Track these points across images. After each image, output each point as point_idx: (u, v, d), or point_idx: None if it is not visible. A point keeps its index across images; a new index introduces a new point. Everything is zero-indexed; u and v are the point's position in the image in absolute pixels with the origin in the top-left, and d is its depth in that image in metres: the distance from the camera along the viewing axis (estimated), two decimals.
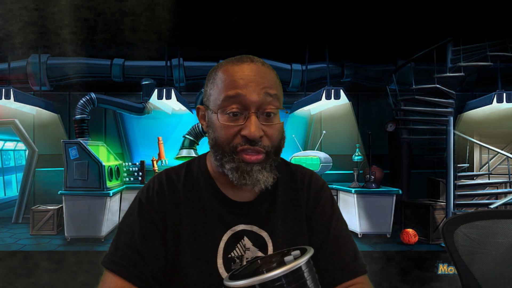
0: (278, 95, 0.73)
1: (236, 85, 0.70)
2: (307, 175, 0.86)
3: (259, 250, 0.76)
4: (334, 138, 6.31)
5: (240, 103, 0.69)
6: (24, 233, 4.97)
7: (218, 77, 0.73)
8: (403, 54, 5.50)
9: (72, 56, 5.50)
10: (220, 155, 0.73)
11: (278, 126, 0.73)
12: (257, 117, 0.69)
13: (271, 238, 0.77)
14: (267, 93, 0.70)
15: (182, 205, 0.76)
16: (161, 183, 0.78)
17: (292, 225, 0.79)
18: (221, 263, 0.74)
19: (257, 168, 0.70)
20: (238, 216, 0.77)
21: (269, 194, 0.80)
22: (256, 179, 0.70)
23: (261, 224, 0.77)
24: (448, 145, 4.58)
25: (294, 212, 0.81)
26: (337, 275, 0.75)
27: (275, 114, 0.72)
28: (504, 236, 0.98)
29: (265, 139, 0.71)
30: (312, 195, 0.83)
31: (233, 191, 0.78)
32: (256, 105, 0.69)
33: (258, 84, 0.70)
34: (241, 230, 0.76)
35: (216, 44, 5.41)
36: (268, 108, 0.70)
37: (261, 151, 0.70)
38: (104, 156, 5.33)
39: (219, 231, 0.75)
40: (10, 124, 5.83)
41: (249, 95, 0.69)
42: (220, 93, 0.71)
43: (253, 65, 0.72)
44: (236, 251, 0.75)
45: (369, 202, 4.70)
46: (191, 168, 0.82)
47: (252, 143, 0.69)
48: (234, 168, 0.71)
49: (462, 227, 1.00)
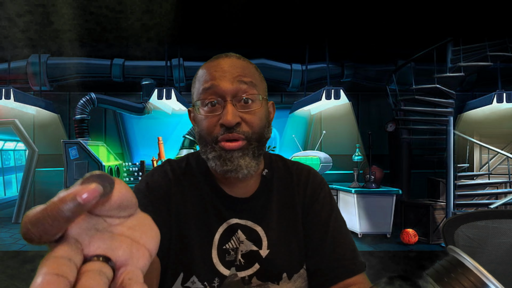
0: (254, 82, 0.75)
1: (211, 77, 0.73)
2: (304, 172, 0.86)
3: (254, 244, 0.77)
4: (334, 138, 6.31)
5: (215, 93, 0.72)
6: None
7: (198, 75, 0.77)
8: (403, 54, 5.50)
9: (72, 56, 5.50)
10: (203, 147, 0.75)
11: (258, 112, 0.74)
12: (233, 105, 0.72)
13: (265, 232, 0.78)
14: (241, 81, 0.72)
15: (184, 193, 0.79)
16: (166, 171, 0.81)
17: (286, 222, 0.80)
18: (215, 254, 0.75)
19: (238, 155, 0.72)
20: (233, 210, 0.78)
21: (265, 191, 0.81)
22: (238, 164, 0.71)
23: (255, 219, 0.78)
24: (448, 145, 4.58)
25: (289, 209, 0.81)
26: (336, 273, 0.75)
27: (253, 101, 0.73)
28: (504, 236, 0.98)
29: (244, 125, 0.72)
30: (309, 192, 0.83)
31: (230, 187, 0.79)
32: (231, 93, 0.72)
33: (231, 74, 0.73)
34: (236, 223, 0.77)
35: (216, 44, 5.42)
36: (244, 94, 0.72)
37: (240, 138, 0.72)
38: (104, 156, 5.33)
39: (215, 223, 0.77)
40: (10, 124, 5.83)
41: (222, 84, 0.71)
42: (198, 88, 0.75)
43: (227, 59, 0.75)
44: (231, 243, 0.76)
45: (369, 202, 4.71)
46: (191, 161, 0.84)
47: (230, 130, 0.71)
48: (216, 157, 0.72)
49: (462, 227, 1.00)
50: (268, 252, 0.77)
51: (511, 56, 4.50)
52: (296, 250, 0.78)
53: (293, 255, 0.78)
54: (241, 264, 0.76)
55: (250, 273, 0.76)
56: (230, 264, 0.75)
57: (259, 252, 0.77)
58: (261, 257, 0.76)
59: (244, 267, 0.76)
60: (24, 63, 5.78)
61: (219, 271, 0.74)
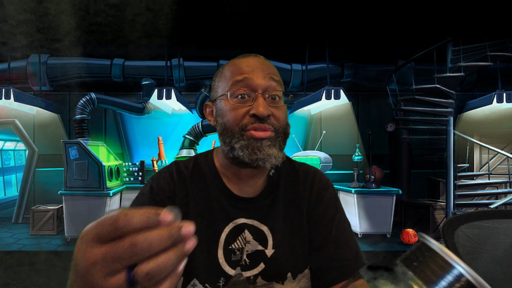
0: (281, 82, 0.79)
1: (243, 71, 0.76)
2: (311, 173, 0.87)
3: (260, 243, 0.77)
4: (334, 138, 6.31)
5: (247, 86, 0.74)
6: (24, 233, 4.97)
7: (225, 70, 0.79)
8: (403, 54, 5.50)
9: (72, 56, 5.50)
10: (229, 138, 0.75)
11: (283, 108, 0.78)
12: (264, 98, 0.74)
13: (271, 232, 0.79)
14: (272, 78, 0.76)
15: (189, 195, 0.79)
16: (171, 173, 0.81)
17: (292, 222, 0.81)
18: (221, 254, 0.76)
19: (267, 144, 0.73)
20: (240, 210, 0.79)
21: (272, 191, 0.82)
22: (267, 153, 0.73)
23: (262, 219, 0.79)
24: (448, 145, 4.58)
25: (295, 209, 0.82)
26: (338, 273, 0.75)
27: (280, 98, 0.77)
28: (504, 236, 0.98)
29: (273, 119, 0.75)
30: (315, 193, 0.84)
31: (237, 186, 0.80)
32: (263, 88, 0.75)
33: (263, 70, 0.76)
34: (243, 223, 0.78)
35: (216, 44, 5.41)
36: (274, 91, 0.76)
37: (269, 128, 0.74)
38: (104, 156, 5.33)
39: (221, 223, 0.77)
40: (10, 124, 5.83)
41: (255, 78, 0.75)
42: (228, 80, 0.77)
43: (257, 58, 0.79)
44: (237, 243, 0.77)
45: (369, 202, 4.70)
46: (199, 162, 0.85)
47: (262, 120, 0.73)
48: (244, 146, 0.73)
49: (462, 227, 1.00)
50: (274, 252, 0.77)
51: (511, 56, 4.50)
52: (300, 250, 0.79)
53: (298, 255, 0.78)
54: (246, 264, 0.76)
55: (255, 272, 0.76)
56: (235, 264, 0.76)
57: (265, 251, 0.77)
58: (266, 257, 0.77)
59: (249, 266, 0.76)
60: (24, 63, 5.78)
61: (225, 271, 0.75)
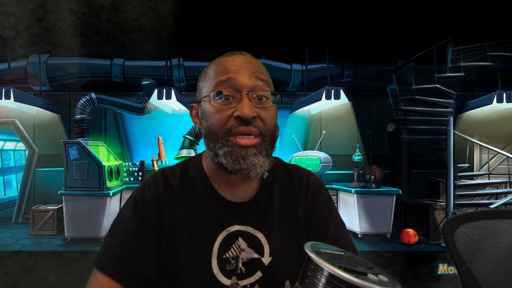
0: (269, 81, 0.75)
1: (228, 70, 0.71)
2: (304, 175, 0.85)
3: (255, 251, 0.74)
4: (334, 138, 6.30)
5: (232, 86, 0.70)
6: (24, 233, 4.97)
7: (209, 70, 0.75)
8: (403, 54, 5.49)
9: (72, 56, 5.50)
10: (213, 142, 0.71)
11: (271, 109, 0.73)
12: (249, 99, 0.70)
13: (267, 239, 0.75)
14: (258, 77, 0.72)
15: (178, 204, 0.75)
16: (157, 183, 0.77)
17: (288, 227, 0.78)
18: (215, 264, 0.72)
19: (253, 152, 0.69)
20: (233, 216, 0.75)
21: (266, 195, 0.79)
22: (251, 163, 0.69)
23: (256, 224, 0.76)
24: (448, 145, 4.58)
25: (291, 213, 0.79)
26: None
27: (267, 99, 0.73)
28: (504, 236, 0.98)
29: (259, 121, 0.71)
30: (310, 195, 0.82)
31: (228, 191, 0.77)
32: (248, 88, 0.70)
33: (248, 69, 0.72)
34: (236, 230, 0.75)
35: (216, 44, 5.41)
36: (260, 91, 0.71)
37: (255, 132, 0.70)
38: (104, 156, 5.33)
39: (214, 232, 0.74)
40: (10, 124, 5.83)
41: (240, 78, 0.70)
42: (212, 80, 0.73)
43: (243, 56, 0.75)
44: (231, 251, 0.74)
45: (369, 202, 4.70)
46: (186, 168, 0.81)
47: (246, 123, 0.69)
48: (228, 153, 0.69)
49: (462, 227, 1.00)
50: (271, 260, 0.74)
51: (511, 56, 4.49)
52: (298, 256, 0.76)
53: (296, 262, 0.75)
54: (242, 272, 0.73)
55: (252, 281, 0.73)
56: (231, 273, 0.72)
57: (261, 259, 0.74)
58: (264, 265, 0.74)
59: (245, 275, 0.73)
60: (24, 63, 5.78)
61: (220, 281, 0.71)
